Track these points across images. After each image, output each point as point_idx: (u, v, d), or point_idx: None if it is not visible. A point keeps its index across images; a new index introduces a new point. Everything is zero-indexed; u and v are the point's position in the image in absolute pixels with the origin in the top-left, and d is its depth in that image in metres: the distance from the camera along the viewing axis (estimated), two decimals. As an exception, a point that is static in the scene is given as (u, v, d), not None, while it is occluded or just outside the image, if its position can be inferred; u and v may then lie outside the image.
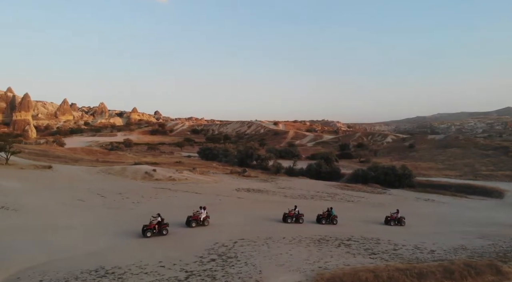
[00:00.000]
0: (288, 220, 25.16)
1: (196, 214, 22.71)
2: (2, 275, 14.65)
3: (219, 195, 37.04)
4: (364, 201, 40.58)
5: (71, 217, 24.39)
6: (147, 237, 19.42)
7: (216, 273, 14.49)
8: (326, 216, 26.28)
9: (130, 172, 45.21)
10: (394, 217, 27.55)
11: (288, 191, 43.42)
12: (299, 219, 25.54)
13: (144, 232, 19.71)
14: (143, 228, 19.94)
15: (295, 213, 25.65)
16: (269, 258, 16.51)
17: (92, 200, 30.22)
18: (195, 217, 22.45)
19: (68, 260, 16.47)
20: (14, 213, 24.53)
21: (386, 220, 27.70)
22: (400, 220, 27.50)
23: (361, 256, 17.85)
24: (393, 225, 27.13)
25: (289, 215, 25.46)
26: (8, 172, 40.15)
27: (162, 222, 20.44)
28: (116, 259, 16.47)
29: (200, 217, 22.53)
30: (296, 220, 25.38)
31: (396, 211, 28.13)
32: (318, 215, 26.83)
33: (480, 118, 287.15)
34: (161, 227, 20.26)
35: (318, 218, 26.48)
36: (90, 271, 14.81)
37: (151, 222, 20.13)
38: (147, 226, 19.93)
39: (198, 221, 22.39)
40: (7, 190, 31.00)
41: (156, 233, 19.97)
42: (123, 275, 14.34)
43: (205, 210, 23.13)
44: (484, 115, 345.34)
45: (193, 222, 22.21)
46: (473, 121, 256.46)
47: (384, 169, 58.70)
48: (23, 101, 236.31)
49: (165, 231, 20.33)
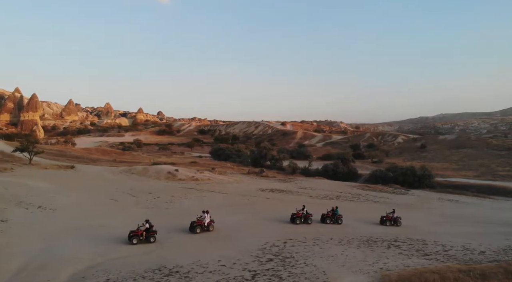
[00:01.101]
0: (297, 221, 24.33)
1: (200, 219, 21.36)
2: (67, 273, 14.66)
3: (246, 195, 36.94)
4: (389, 201, 40.27)
5: (112, 216, 24.46)
6: (133, 243, 18.20)
7: (280, 273, 14.38)
8: (331, 215, 25.60)
9: (152, 172, 45.25)
10: (390, 217, 26.47)
11: (312, 192, 43.23)
12: (308, 219, 24.75)
13: (131, 238, 18.38)
14: (129, 234, 18.61)
15: (304, 213, 24.79)
16: (327, 259, 16.37)
17: (125, 200, 30.27)
18: (199, 222, 21.15)
19: (124, 259, 16.49)
20: (52, 213, 24.65)
21: (382, 220, 26.51)
22: (396, 220, 26.38)
23: (415, 257, 17.67)
24: (388, 225, 26.00)
25: (298, 215, 24.62)
26: (33, 172, 40.34)
27: (150, 229, 19.00)
28: (172, 258, 16.46)
29: (204, 222, 21.24)
30: (305, 220, 24.60)
31: (392, 211, 27.04)
32: (322, 214, 25.97)
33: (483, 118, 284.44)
34: (148, 235, 18.80)
35: (323, 217, 25.71)
36: (153, 270, 14.79)
37: (139, 228, 18.79)
38: (134, 232, 18.59)
39: (202, 226, 21.13)
40: (37, 190, 31.15)
41: (143, 240, 18.58)
42: (188, 274, 14.28)
43: (208, 214, 21.75)
44: (487, 115, 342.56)
45: (198, 228, 20.92)
46: (477, 122, 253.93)
47: (403, 169, 58.34)
48: (30, 101, 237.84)
49: (152, 238, 18.82)
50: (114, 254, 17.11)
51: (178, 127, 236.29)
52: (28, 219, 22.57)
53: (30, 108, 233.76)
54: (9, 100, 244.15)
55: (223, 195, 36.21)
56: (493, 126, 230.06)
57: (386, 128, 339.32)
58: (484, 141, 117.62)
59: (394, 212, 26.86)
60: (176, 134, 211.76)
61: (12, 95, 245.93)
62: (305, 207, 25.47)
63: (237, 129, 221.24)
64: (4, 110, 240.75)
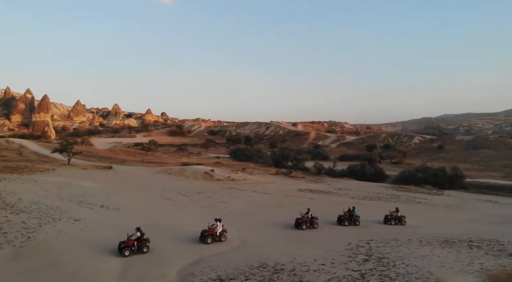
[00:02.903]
0: (302, 226, 22.23)
1: (211, 228, 18.99)
2: (174, 270, 14.81)
3: (289, 195, 37.00)
4: (430, 202, 40.08)
5: (178, 215, 24.66)
6: (126, 256, 16.12)
7: (387, 273, 14.34)
8: (349, 217, 24.20)
9: (189, 172, 45.45)
10: (394, 216, 25.49)
11: (350, 192, 43.13)
12: (314, 223, 22.80)
13: (121, 250, 16.25)
14: (119, 245, 16.53)
15: (309, 217, 22.76)
16: (422, 260, 16.28)
17: (179, 199, 30.47)
18: (211, 232, 18.79)
19: (219, 256, 16.63)
20: (118, 212, 24.87)
21: (386, 219, 25.55)
22: (400, 219, 25.50)
23: (503, 257, 17.53)
24: (393, 224, 24.99)
25: (303, 220, 22.47)
26: (75, 172, 40.66)
27: (141, 238, 17.05)
28: (267, 255, 16.55)
29: (216, 232, 18.87)
30: (311, 225, 22.62)
31: (396, 210, 26.08)
32: (339, 215, 24.51)
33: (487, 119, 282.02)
34: (141, 244, 16.82)
35: (340, 219, 24.22)
36: (257, 267, 14.89)
37: (129, 238, 16.67)
38: (124, 243, 16.48)
39: (214, 236, 18.73)
40: (89, 190, 31.43)
41: (135, 250, 16.60)
42: (295, 272, 14.34)
43: (221, 223, 19.31)
44: (491, 116, 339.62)
45: (209, 238, 18.54)
46: (481, 123, 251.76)
47: (433, 170, 58.08)
48: (42, 102, 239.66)
49: (145, 248, 16.85)
50: (205, 251, 17.27)
51: (188, 128, 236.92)
52: (99, 218, 22.78)
53: (42, 109, 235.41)
54: (20, 101, 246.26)
55: (267, 195, 36.26)
56: (497, 127, 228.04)
57: (390, 129, 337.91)
58: (502, 142, 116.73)
59: (397, 210, 25.99)
60: (187, 135, 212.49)
61: (24, 96, 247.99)
62: (310, 210, 23.39)
63: (247, 130, 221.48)
64: (15, 111, 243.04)
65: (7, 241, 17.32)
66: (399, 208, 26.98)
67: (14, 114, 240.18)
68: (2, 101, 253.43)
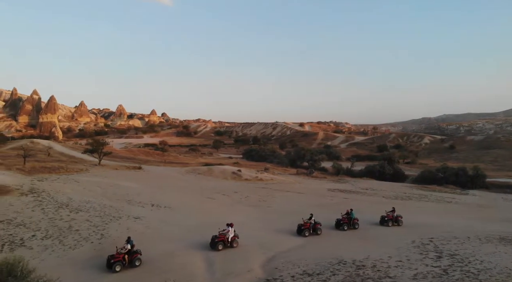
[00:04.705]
0: (305, 232, 20.64)
1: (222, 233, 17.78)
2: (257, 265, 15.22)
3: (323, 195, 37.37)
4: (461, 202, 40.40)
5: (227, 213, 25.05)
6: (116, 272, 14.51)
7: (466, 269, 14.72)
8: (348, 220, 22.54)
9: (217, 172, 45.89)
10: (391, 217, 24.32)
11: (379, 192, 43.45)
12: (317, 229, 21.16)
13: (112, 265, 14.60)
14: (108, 260, 14.91)
15: (312, 223, 21.13)
16: (492, 256, 16.57)
17: (220, 198, 30.87)
18: (222, 238, 17.60)
19: (294, 253, 17.13)
20: (170, 211, 25.30)
21: (383, 219, 24.30)
22: (397, 219, 24.38)
23: None
24: (391, 225, 23.81)
25: (306, 226, 20.85)
26: (108, 172, 41.12)
27: (132, 250, 15.37)
28: (338, 252, 16.96)
29: (227, 237, 17.67)
30: (314, 231, 21.00)
31: (392, 210, 24.96)
32: (337, 219, 22.79)
33: (487, 119, 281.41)
34: (132, 258, 15.19)
35: (339, 223, 22.50)
36: (337, 263, 15.29)
37: (119, 252, 15.06)
38: (114, 257, 14.85)
39: (225, 242, 17.57)
40: (132, 189, 31.83)
41: (126, 265, 14.95)
42: (376, 268, 14.72)
43: (233, 228, 18.15)
44: (490, 116, 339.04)
45: (220, 244, 17.34)
46: (481, 123, 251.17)
47: (454, 169, 58.35)
48: (49, 103, 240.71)
49: (137, 261, 15.22)
50: (277, 247, 17.74)
51: (194, 129, 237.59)
52: (157, 216, 23.21)
53: (49, 110, 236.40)
54: (27, 103, 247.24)
55: (302, 195, 36.65)
56: (498, 126, 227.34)
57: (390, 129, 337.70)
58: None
59: (394, 210, 24.86)
60: (194, 136, 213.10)
61: (31, 98, 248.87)
62: (313, 215, 21.73)
63: (254, 130, 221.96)
64: (22, 112, 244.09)
65: (83, 238, 17.79)
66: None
67: (21, 115, 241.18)
68: (9, 103, 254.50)
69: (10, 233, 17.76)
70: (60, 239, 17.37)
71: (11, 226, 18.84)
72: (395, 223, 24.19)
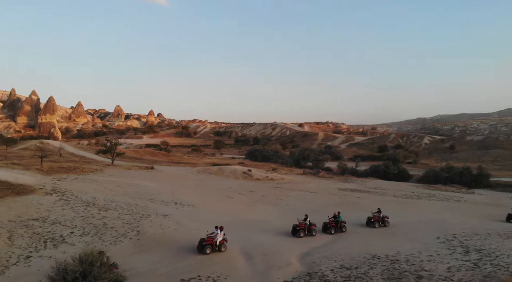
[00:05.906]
0: (300, 233, 20.17)
1: (210, 237, 17.02)
2: (294, 259, 15.84)
3: (335, 195, 37.98)
4: (469, 200, 41.23)
5: (248, 212, 25.80)
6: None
7: (495, 262, 15.42)
8: (335, 224, 21.76)
9: (228, 172, 46.46)
10: (377, 218, 23.68)
11: (389, 191, 44.18)
12: (312, 231, 20.79)
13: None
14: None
15: (307, 224, 20.80)
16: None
17: (237, 197, 31.47)
18: (210, 241, 16.85)
19: (327, 248, 17.84)
20: (194, 209, 25.87)
21: (369, 221, 23.67)
22: (383, 220, 23.82)
23: None
24: (377, 227, 23.22)
25: (301, 227, 20.48)
26: (123, 172, 41.58)
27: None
28: (370, 248, 17.62)
29: (215, 240, 16.91)
30: (308, 232, 20.62)
31: (378, 210, 24.27)
32: (324, 223, 21.98)
33: (482, 119, 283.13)
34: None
35: (326, 226, 21.70)
36: (371, 258, 15.92)
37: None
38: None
39: (213, 246, 16.80)
40: (151, 189, 32.36)
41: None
42: (410, 262, 15.41)
43: (222, 231, 17.33)
44: (485, 116, 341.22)
45: (208, 247, 16.62)
46: (476, 123, 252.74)
47: (458, 169, 59.32)
48: (48, 104, 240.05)
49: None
50: (311, 243, 18.41)
51: (194, 129, 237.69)
52: (183, 213, 23.77)
53: (48, 111, 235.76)
54: (26, 103, 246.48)
55: (315, 194, 37.27)
56: (492, 127, 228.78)
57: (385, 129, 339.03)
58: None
59: (380, 211, 24.19)
60: (193, 136, 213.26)
61: (29, 98, 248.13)
62: (308, 216, 21.30)
63: (253, 131, 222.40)
64: (21, 113, 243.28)
65: (121, 234, 18.29)
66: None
67: (19, 116, 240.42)
68: (7, 103, 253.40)
69: (48, 231, 18.23)
70: (98, 236, 17.87)
71: (47, 223, 19.31)
72: (382, 224, 23.65)
